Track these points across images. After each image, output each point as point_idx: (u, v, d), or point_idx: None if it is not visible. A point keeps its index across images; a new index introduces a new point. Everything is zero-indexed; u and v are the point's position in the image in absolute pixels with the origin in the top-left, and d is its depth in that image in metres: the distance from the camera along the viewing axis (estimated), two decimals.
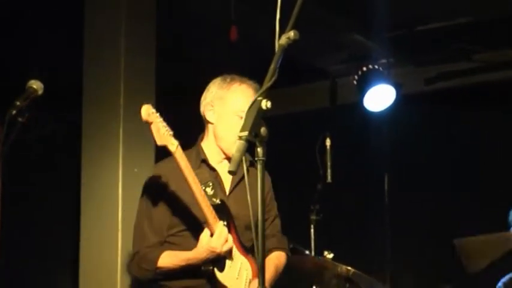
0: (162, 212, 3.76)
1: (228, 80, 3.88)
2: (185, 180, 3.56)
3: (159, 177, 3.80)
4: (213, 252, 3.59)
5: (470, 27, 6.75)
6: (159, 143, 3.49)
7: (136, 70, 5.56)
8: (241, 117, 3.56)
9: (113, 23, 5.56)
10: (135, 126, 5.23)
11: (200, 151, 3.87)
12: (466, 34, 6.87)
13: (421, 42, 7.12)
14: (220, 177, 3.85)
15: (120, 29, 5.54)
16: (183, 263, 3.66)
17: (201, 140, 3.93)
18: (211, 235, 3.59)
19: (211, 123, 3.86)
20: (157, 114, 3.49)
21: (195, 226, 3.70)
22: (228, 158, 3.80)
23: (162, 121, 3.50)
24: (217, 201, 3.72)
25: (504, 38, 6.91)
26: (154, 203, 3.77)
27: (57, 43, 6.29)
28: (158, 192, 3.77)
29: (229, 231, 3.67)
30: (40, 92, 3.41)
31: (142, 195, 3.85)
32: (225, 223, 3.67)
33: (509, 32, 6.79)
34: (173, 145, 3.52)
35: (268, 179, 3.95)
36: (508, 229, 5.44)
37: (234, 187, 3.86)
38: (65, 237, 6.92)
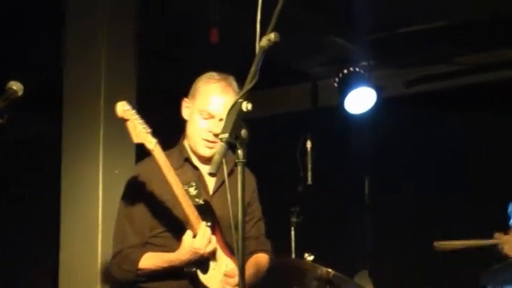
0: (143, 212, 3.69)
1: (203, 77, 3.82)
2: (165, 179, 3.51)
3: (140, 176, 3.73)
4: (196, 253, 3.53)
5: (451, 29, 6.77)
6: (136, 140, 3.45)
7: (117, 71, 5.54)
8: (205, 118, 3.69)
9: (94, 24, 5.54)
10: (116, 128, 5.18)
11: (183, 149, 3.81)
12: (447, 37, 6.90)
13: (402, 45, 7.14)
14: (203, 177, 3.78)
15: (100, 29, 5.52)
16: (165, 265, 3.60)
17: (184, 138, 3.86)
18: (194, 236, 3.53)
19: (186, 120, 3.82)
20: (134, 111, 3.46)
21: (177, 227, 3.64)
22: (201, 158, 3.75)
23: (139, 118, 3.47)
24: (201, 201, 3.66)
25: (485, 40, 6.94)
26: (136, 204, 3.70)
27: (37, 44, 6.27)
28: (139, 192, 3.70)
29: (214, 232, 3.63)
30: (20, 93, 3.39)
31: (123, 196, 3.79)
32: (209, 224, 3.62)
33: (490, 34, 6.82)
34: (151, 143, 3.48)
35: (252, 179, 3.93)
36: (508, 221, 5.45)
37: (218, 187, 3.78)
38: (45, 239, 6.89)
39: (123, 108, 3.43)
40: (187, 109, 3.80)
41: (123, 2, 5.67)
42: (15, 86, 3.36)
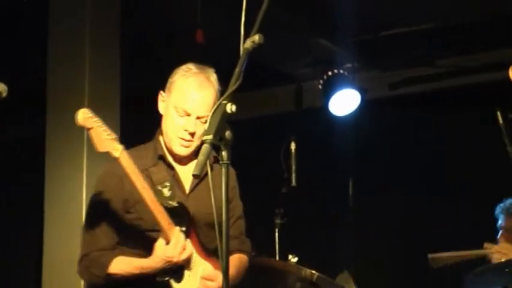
0: (113, 213, 3.46)
1: (180, 69, 3.56)
2: (133, 186, 3.31)
3: (112, 175, 3.49)
4: (169, 261, 3.34)
5: (434, 32, 6.80)
6: (100, 149, 3.24)
7: (101, 74, 5.55)
8: (180, 115, 3.45)
9: (77, 27, 5.56)
10: None
11: (158, 146, 3.57)
12: (430, 39, 6.93)
13: (386, 47, 7.17)
14: (178, 175, 3.56)
15: (84, 32, 5.53)
16: (136, 271, 3.39)
17: (159, 133, 3.60)
18: (168, 243, 3.34)
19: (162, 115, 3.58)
20: (97, 119, 3.25)
21: (149, 229, 3.43)
22: (175, 156, 3.54)
23: (102, 125, 3.25)
24: (175, 203, 3.44)
25: (468, 43, 6.98)
26: (107, 204, 3.47)
27: (21, 47, 6.26)
28: (110, 191, 3.47)
29: (189, 236, 3.44)
30: (4, 94, 3.37)
31: (93, 194, 3.56)
32: (183, 229, 3.42)
33: (473, 37, 6.85)
34: (117, 150, 3.27)
35: (233, 175, 3.71)
36: (496, 222, 5.47)
37: (195, 185, 3.55)
38: (29, 241, 6.89)
39: (84, 116, 3.22)
40: (163, 103, 3.56)
41: (107, 4, 5.67)
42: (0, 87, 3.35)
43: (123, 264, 3.41)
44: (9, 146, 7.48)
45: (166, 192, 3.45)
